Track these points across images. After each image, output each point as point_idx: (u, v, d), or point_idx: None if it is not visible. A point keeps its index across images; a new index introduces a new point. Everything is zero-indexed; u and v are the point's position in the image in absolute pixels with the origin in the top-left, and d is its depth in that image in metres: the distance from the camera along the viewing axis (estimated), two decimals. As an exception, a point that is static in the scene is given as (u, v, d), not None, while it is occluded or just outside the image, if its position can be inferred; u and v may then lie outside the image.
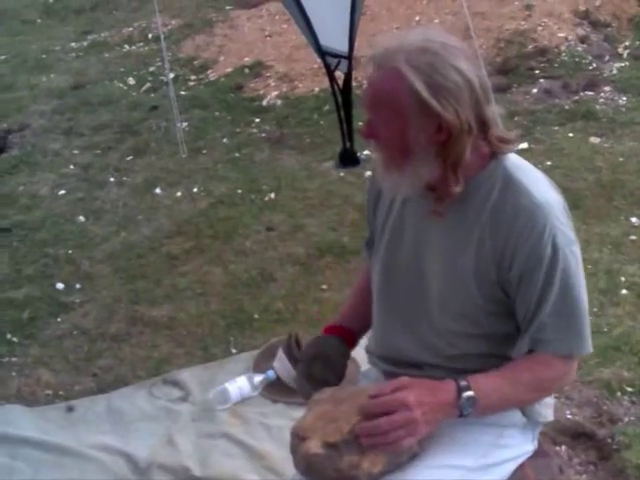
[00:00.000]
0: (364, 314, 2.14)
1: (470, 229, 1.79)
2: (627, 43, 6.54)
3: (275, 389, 3.21)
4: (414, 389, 1.69)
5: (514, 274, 1.75)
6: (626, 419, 3.03)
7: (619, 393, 3.15)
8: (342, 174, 5.23)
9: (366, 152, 5.38)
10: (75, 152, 6.08)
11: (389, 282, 1.98)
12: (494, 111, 1.75)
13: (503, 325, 1.86)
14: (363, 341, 3.27)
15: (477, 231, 1.78)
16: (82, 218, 5.07)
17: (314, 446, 1.72)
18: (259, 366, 3.41)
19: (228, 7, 8.45)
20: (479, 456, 1.86)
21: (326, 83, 5.58)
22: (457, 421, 1.80)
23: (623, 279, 3.77)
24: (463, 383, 1.72)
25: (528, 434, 2.00)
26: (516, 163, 1.81)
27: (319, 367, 2.05)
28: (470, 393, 1.71)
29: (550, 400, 2.04)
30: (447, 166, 1.73)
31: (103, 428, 3.21)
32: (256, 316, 3.86)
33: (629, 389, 3.16)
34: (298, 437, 1.77)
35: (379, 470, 1.71)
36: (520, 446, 1.97)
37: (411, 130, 1.69)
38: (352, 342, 2.16)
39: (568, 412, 3.08)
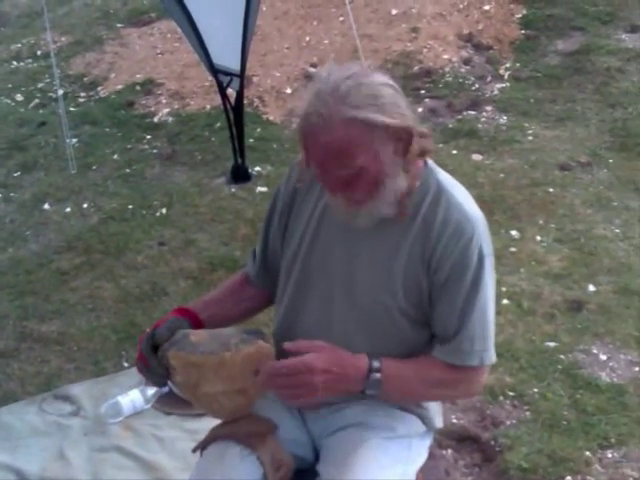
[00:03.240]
0: (221, 312, 2.13)
1: (404, 234, 1.83)
2: (508, 65, 6.77)
3: (168, 401, 3.24)
4: (325, 355, 1.72)
5: (439, 277, 1.80)
6: (508, 422, 3.16)
7: (501, 397, 3.28)
8: (233, 190, 5.25)
9: (257, 168, 5.44)
10: (-41, 168, 5.91)
11: (308, 286, 1.97)
12: None
13: (417, 334, 1.90)
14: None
15: (411, 236, 1.82)
16: (-33, 235, 4.93)
17: None
18: (152, 379, 3.41)
19: (119, 25, 8.38)
20: (399, 475, 1.89)
21: (218, 101, 5.61)
22: (376, 437, 1.88)
23: (504, 289, 3.91)
24: (375, 364, 1.75)
25: (426, 442, 2.06)
26: (448, 179, 1.90)
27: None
28: (378, 376, 1.74)
29: (439, 408, 2.10)
30: (410, 172, 1.79)
31: (-8, 444, 3.16)
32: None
33: (511, 393, 3.29)
34: None
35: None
36: (421, 456, 2.02)
37: (382, 157, 1.73)
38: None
39: (453, 417, 3.19)
